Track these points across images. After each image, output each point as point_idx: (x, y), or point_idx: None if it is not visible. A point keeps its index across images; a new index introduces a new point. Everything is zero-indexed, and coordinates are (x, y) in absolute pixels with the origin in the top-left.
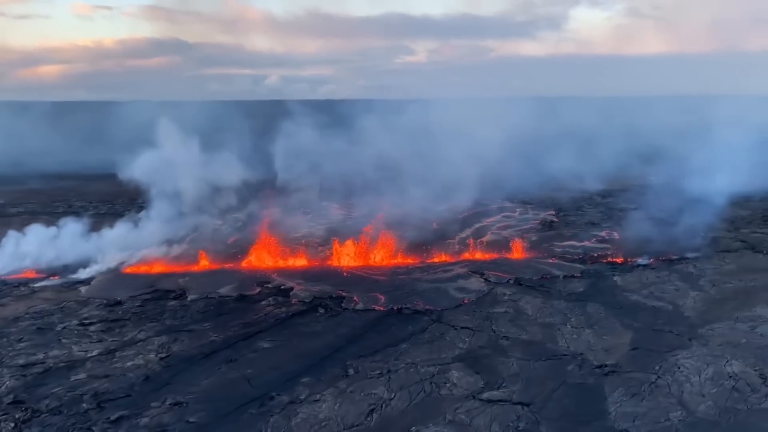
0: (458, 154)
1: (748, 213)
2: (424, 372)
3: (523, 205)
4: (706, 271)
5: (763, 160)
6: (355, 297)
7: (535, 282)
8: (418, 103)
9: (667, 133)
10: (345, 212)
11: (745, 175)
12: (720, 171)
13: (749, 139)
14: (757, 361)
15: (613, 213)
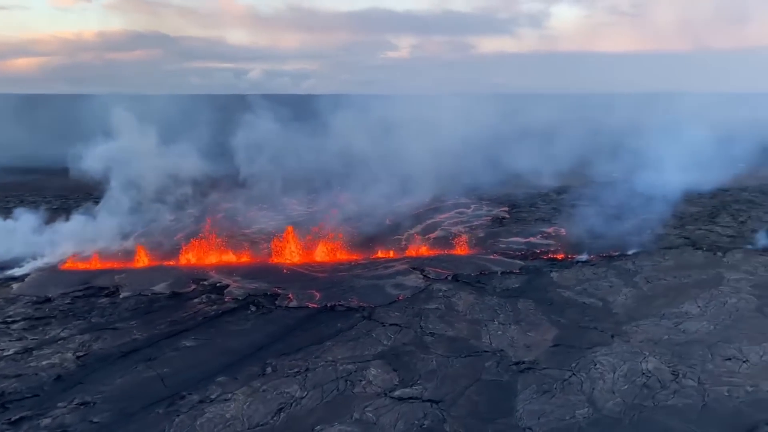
0: (423, 150)
1: (698, 209)
2: (342, 370)
3: (478, 201)
4: (643, 268)
5: (720, 156)
6: (290, 294)
7: (473, 278)
8: (392, 99)
9: (632, 130)
10: (302, 207)
11: (700, 171)
12: (676, 167)
13: (708, 136)
14: (672, 358)
15: (564, 209)
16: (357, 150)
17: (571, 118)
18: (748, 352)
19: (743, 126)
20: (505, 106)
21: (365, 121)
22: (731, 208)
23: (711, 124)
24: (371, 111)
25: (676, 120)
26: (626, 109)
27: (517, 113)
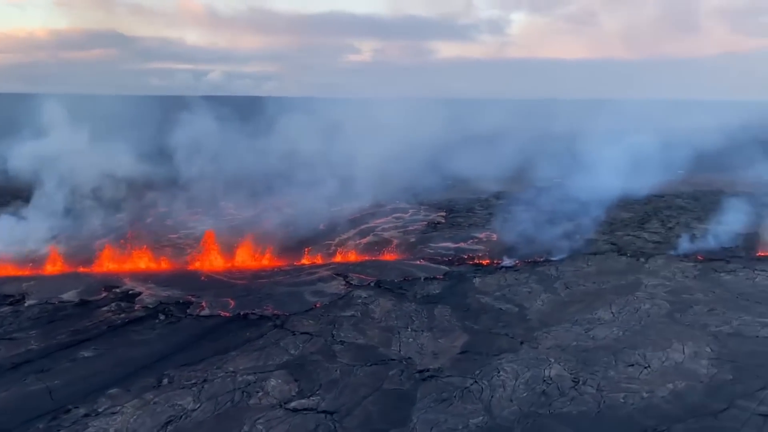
0: (370, 154)
1: (629, 215)
2: (241, 381)
3: (417, 206)
4: (565, 274)
5: (660, 163)
6: (203, 302)
7: (395, 284)
8: (347, 102)
9: (577, 136)
10: (238, 211)
11: (638, 177)
12: (615, 173)
13: (650, 142)
14: (577, 364)
15: (500, 214)
16: (304, 153)
17: (523, 123)
18: (651, 358)
19: (685, 132)
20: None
21: (316, 125)
22: (662, 214)
23: (654, 131)
24: (324, 114)
25: (620, 126)
26: (576, 115)
27: (470, 118)
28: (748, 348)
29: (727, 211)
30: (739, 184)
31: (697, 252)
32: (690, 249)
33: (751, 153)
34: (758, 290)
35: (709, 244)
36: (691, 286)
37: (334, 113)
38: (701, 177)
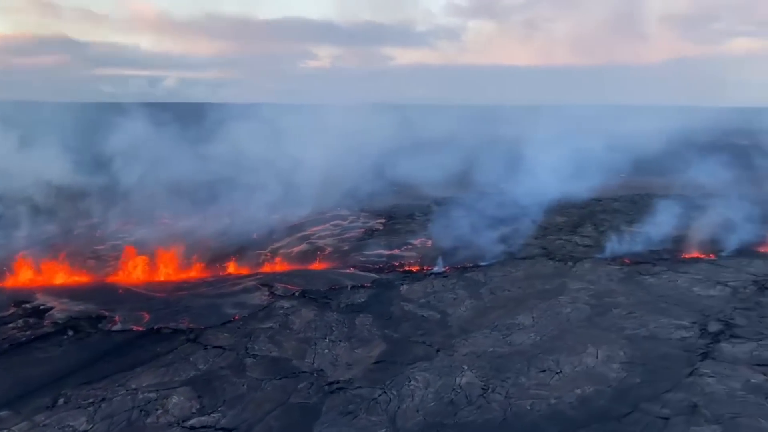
0: (318, 161)
1: (565, 219)
2: (142, 399)
3: (358, 213)
4: (493, 279)
5: (603, 167)
6: (116, 317)
7: (321, 294)
8: (302, 108)
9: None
10: (173, 221)
11: (580, 181)
12: (558, 177)
13: (596, 146)
14: (490, 371)
15: (439, 220)
16: (250, 160)
17: (474, 128)
18: (564, 364)
19: (628, 137)
20: (413, 116)
21: (266, 131)
22: (597, 218)
23: (599, 135)
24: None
25: (567, 131)
26: (526, 120)
27: (423, 124)
28: (660, 351)
29: (658, 214)
30: (675, 186)
31: (625, 255)
32: (618, 252)
33: (689, 156)
34: (679, 292)
35: (637, 247)
36: (614, 289)
37: (286, 119)
38: (641, 180)
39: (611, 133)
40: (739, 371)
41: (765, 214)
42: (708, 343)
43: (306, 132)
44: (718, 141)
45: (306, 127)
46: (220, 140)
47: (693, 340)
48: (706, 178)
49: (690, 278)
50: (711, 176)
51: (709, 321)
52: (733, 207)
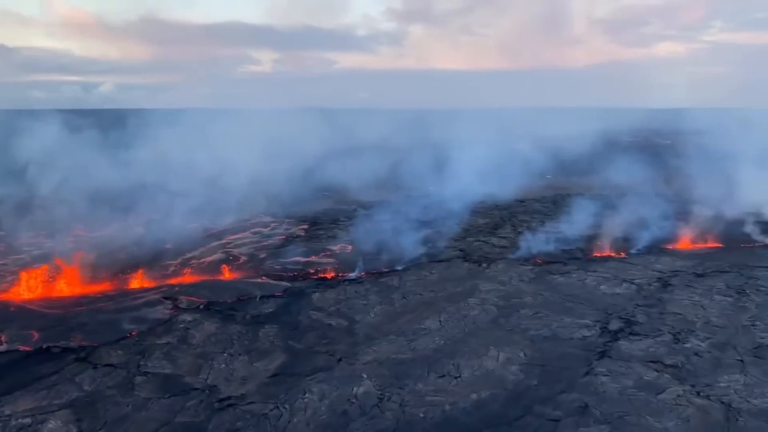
0: (248, 167)
1: (486, 221)
2: (15, 425)
3: (281, 220)
4: (407, 283)
5: (531, 168)
6: (1, 336)
7: (227, 305)
8: (239, 113)
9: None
10: (87, 232)
11: (507, 183)
12: (485, 180)
13: (526, 149)
14: (389, 379)
15: (362, 225)
16: (176, 167)
17: (411, 132)
18: (465, 368)
19: (557, 139)
20: (351, 120)
21: (196, 137)
22: (516, 219)
23: (530, 138)
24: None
25: (499, 134)
26: (461, 123)
27: (359, 128)
28: (560, 351)
29: (575, 214)
30: (595, 186)
31: (538, 255)
32: (532, 252)
33: (611, 157)
34: (586, 291)
35: (551, 247)
36: (524, 289)
37: (219, 124)
38: (564, 181)
39: (540, 136)
40: (633, 369)
41: (676, 212)
42: (607, 342)
43: (238, 137)
44: (641, 141)
45: (239, 133)
46: (147, 146)
47: (593, 339)
48: (625, 178)
49: (598, 277)
50: (630, 176)
51: (611, 319)
52: (646, 205)
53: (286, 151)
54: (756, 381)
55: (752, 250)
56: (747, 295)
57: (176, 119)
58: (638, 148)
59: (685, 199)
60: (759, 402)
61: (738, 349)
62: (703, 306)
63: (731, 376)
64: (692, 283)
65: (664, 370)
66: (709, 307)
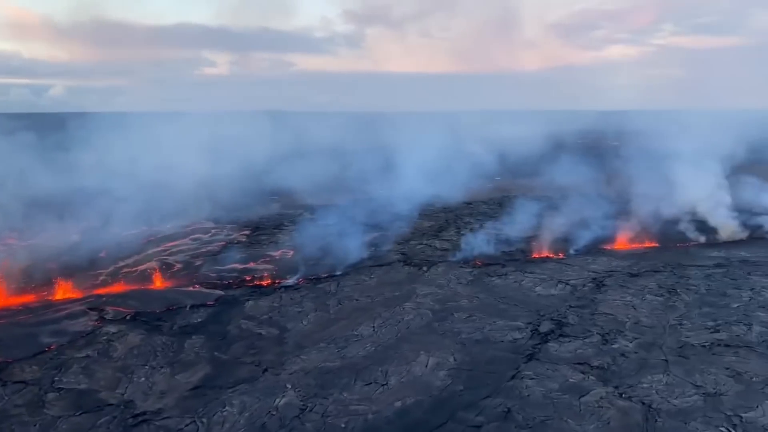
0: (192, 171)
1: (431, 224)
2: None
3: (223, 225)
4: (344, 289)
5: (480, 171)
6: None
7: (155, 315)
8: (190, 117)
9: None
10: (20, 240)
11: (455, 186)
12: (434, 183)
13: (477, 151)
14: (314, 389)
15: (306, 230)
16: (121, 172)
17: (366, 135)
18: (392, 374)
19: (509, 141)
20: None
21: (146, 140)
22: (462, 221)
23: (483, 140)
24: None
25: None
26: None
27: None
28: (490, 354)
29: (519, 215)
30: (542, 188)
31: (479, 257)
32: (473, 254)
33: (559, 158)
34: (521, 293)
35: (492, 249)
36: (460, 292)
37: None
38: (513, 183)
39: (492, 138)
40: (560, 371)
41: (616, 212)
42: (536, 344)
43: (187, 141)
44: (590, 143)
45: (188, 136)
46: (91, 150)
47: (523, 342)
48: (570, 179)
49: (535, 278)
50: (575, 177)
51: (543, 321)
52: (587, 206)
53: (237, 155)
54: (678, 381)
55: (687, 249)
56: (677, 294)
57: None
58: (585, 150)
59: (625, 200)
60: (678, 402)
61: (664, 348)
62: (634, 306)
63: (654, 376)
64: (626, 284)
65: (590, 372)
66: (639, 307)
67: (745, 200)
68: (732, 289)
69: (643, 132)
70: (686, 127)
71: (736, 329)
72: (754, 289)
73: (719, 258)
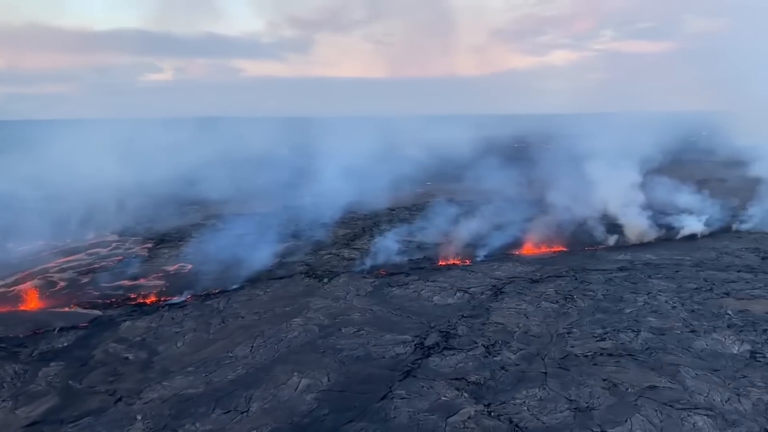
0: (110, 181)
1: (347, 232)
2: None
3: (126, 238)
4: (233, 305)
5: (413, 175)
6: None
7: (18, 340)
8: (133, 123)
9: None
10: None
11: (383, 191)
12: (362, 188)
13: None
14: (163, 420)
15: (215, 241)
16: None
17: (303, 140)
18: (256, 400)
19: (445, 146)
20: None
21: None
22: (378, 228)
23: (423, 145)
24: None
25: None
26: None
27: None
28: (367, 373)
29: (436, 221)
30: (469, 192)
31: (384, 266)
32: (379, 263)
33: (492, 162)
34: (418, 303)
35: (401, 257)
36: (355, 305)
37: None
38: (443, 187)
39: (429, 143)
40: (434, 388)
41: (532, 216)
42: (417, 359)
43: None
44: (525, 147)
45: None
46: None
47: (405, 357)
48: (497, 183)
49: (435, 287)
50: (502, 181)
51: (432, 333)
52: (505, 210)
53: (167, 163)
54: (552, 395)
55: (594, 252)
56: (573, 300)
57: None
58: (517, 154)
59: (543, 203)
60: (547, 419)
61: (546, 360)
62: (527, 314)
63: (530, 390)
64: (524, 290)
65: (466, 388)
66: (533, 315)
67: (658, 201)
68: (629, 294)
69: (574, 135)
70: (616, 128)
71: (624, 336)
72: (651, 293)
73: (624, 261)
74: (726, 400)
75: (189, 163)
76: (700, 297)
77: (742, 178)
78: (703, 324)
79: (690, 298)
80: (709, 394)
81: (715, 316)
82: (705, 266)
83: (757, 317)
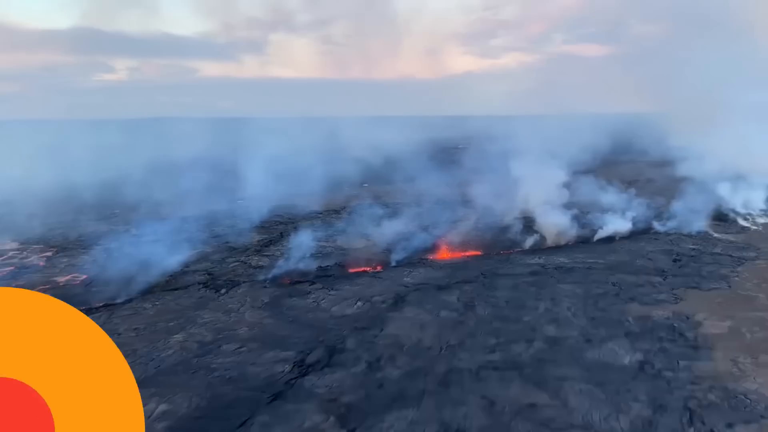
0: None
1: (263, 237)
2: None
3: (28, 246)
4: (113, 321)
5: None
6: None
7: None
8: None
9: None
10: None
11: (318, 193)
12: (284, 192)
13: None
14: None
15: (120, 248)
16: None
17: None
18: None
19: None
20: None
21: None
22: (296, 233)
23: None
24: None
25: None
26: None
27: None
28: (234, 396)
29: (358, 225)
30: (402, 193)
31: (291, 274)
32: (285, 271)
33: (432, 164)
34: (315, 315)
35: (309, 264)
36: (246, 319)
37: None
38: (380, 189)
39: (373, 145)
40: (301, 412)
41: (455, 218)
42: (292, 379)
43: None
44: (469, 148)
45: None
46: None
47: (280, 377)
48: (431, 185)
49: (337, 297)
50: (437, 182)
51: (317, 348)
52: (430, 213)
53: (101, 166)
54: (424, 417)
55: (508, 256)
56: (473, 309)
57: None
58: (458, 155)
59: (468, 205)
60: None
61: (428, 376)
62: (422, 325)
63: (402, 412)
64: (427, 299)
65: (335, 412)
66: (429, 325)
67: (581, 201)
68: (533, 300)
69: (512, 135)
70: (555, 130)
71: (515, 348)
72: (555, 299)
73: (536, 265)
74: (604, 418)
75: (124, 166)
76: (604, 303)
77: (669, 177)
78: (600, 332)
79: (594, 305)
80: (588, 411)
81: (615, 324)
82: (617, 270)
83: (657, 323)
